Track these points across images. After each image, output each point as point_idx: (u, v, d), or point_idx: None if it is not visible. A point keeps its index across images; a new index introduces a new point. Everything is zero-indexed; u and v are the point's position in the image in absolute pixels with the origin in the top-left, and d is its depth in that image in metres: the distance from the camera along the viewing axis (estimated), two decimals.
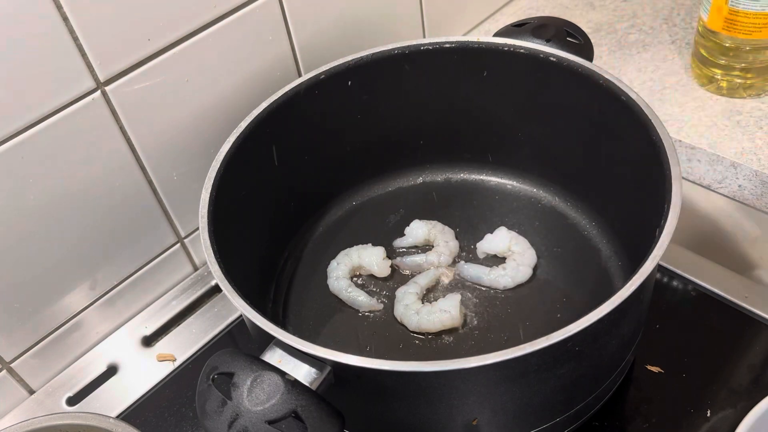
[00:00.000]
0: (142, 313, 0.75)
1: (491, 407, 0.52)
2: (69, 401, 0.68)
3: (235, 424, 0.43)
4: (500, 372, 0.47)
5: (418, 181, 0.80)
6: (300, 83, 0.67)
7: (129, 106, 0.63)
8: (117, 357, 0.72)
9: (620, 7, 0.97)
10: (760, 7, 0.72)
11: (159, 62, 0.63)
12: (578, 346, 0.47)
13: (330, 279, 0.70)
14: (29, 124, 0.57)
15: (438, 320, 0.64)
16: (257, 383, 0.44)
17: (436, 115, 0.74)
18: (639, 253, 0.50)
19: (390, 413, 0.53)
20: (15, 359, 0.66)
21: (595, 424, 0.60)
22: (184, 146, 0.69)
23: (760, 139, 0.74)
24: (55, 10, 0.54)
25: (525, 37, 0.67)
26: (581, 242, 0.71)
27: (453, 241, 0.72)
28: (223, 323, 0.73)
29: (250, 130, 0.63)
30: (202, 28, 0.65)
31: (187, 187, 0.71)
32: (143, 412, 0.67)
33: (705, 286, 0.69)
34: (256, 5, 0.68)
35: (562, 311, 0.66)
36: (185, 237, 0.76)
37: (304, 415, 0.43)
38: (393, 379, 0.47)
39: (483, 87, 0.71)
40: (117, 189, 0.66)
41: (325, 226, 0.77)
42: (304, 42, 0.74)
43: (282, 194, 0.70)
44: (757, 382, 0.62)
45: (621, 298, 0.46)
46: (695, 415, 0.60)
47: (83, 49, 0.57)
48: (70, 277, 0.67)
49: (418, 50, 0.69)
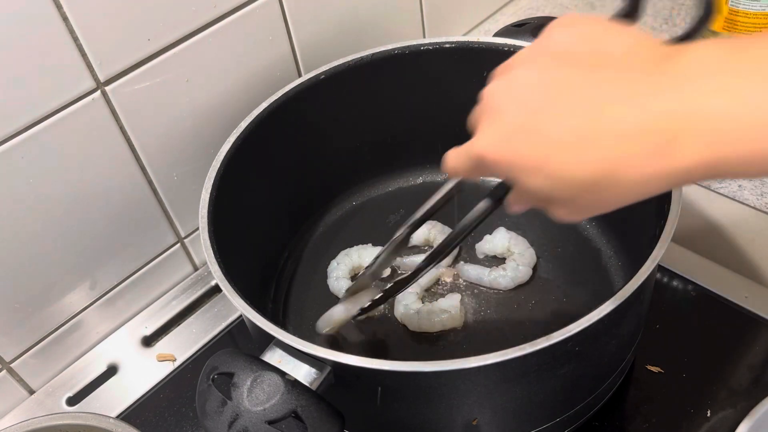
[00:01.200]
0: (142, 313, 0.75)
1: (491, 407, 0.52)
2: (69, 401, 0.68)
3: (235, 424, 0.43)
4: (500, 372, 0.47)
5: (418, 181, 0.80)
6: (300, 83, 0.67)
7: (129, 106, 0.63)
8: (117, 357, 0.72)
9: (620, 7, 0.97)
10: (760, 7, 0.72)
11: (159, 62, 0.63)
12: (578, 346, 0.47)
13: (330, 279, 0.70)
14: (29, 124, 0.57)
15: (438, 320, 0.64)
16: (257, 383, 0.44)
17: (436, 115, 0.74)
18: (639, 253, 0.50)
19: (390, 413, 0.53)
20: (15, 359, 0.66)
21: (595, 424, 0.60)
22: (184, 146, 0.69)
23: None
24: (55, 10, 0.54)
25: (525, 37, 0.67)
26: (581, 242, 0.71)
27: None
28: (223, 323, 0.73)
29: (250, 130, 0.63)
30: (202, 28, 0.65)
31: (187, 187, 0.71)
32: (143, 412, 0.67)
33: (705, 286, 0.69)
34: (256, 5, 0.68)
35: (562, 311, 0.66)
36: (185, 237, 0.76)
37: (304, 415, 0.43)
38: (393, 379, 0.47)
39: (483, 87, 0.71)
40: (117, 189, 0.66)
41: (325, 226, 0.77)
42: (304, 42, 0.74)
43: (282, 194, 0.70)
44: (757, 382, 0.62)
45: (621, 298, 0.46)
46: (695, 415, 0.60)
47: (83, 49, 0.57)
48: (70, 277, 0.67)
49: (418, 50, 0.69)
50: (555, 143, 0.33)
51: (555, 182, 0.34)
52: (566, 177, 0.33)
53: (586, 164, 0.33)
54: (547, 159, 0.34)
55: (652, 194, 0.33)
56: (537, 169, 0.34)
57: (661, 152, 0.31)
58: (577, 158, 0.33)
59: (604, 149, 0.32)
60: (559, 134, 0.33)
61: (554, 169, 0.34)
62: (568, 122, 0.33)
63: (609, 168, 0.32)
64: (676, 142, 0.31)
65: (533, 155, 0.34)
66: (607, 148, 0.32)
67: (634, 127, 0.31)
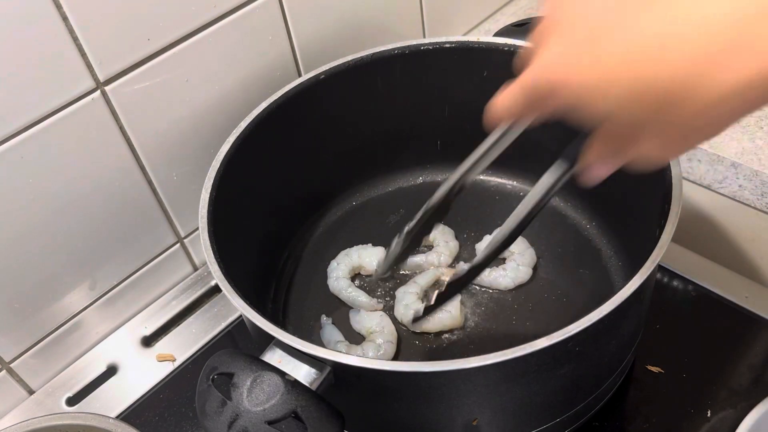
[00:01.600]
0: (142, 313, 0.75)
1: (491, 407, 0.52)
2: (69, 401, 0.68)
3: (235, 425, 0.43)
4: (500, 372, 0.47)
5: (418, 181, 0.80)
6: (300, 83, 0.67)
7: (129, 106, 0.63)
8: (117, 357, 0.72)
9: None
10: None
11: (159, 62, 0.63)
12: (578, 346, 0.47)
13: (330, 279, 0.70)
14: (29, 124, 0.57)
15: (438, 320, 0.64)
16: (257, 383, 0.44)
17: (436, 115, 0.74)
18: (639, 253, 0.50)
19: (390, 413, 0.53)
20: (15, 359, 0.66)
21: (596, 424, 0.60)
22: (184, 146, 0.69)
23: (761, 139, 0.74)
24: (55, 9, 0.54)
25: (525, 37, 0.67)
26: (581, 242, 0.71)
27: (453, 241, 0.72)
28: (223, 323, 0.73)
29: (250, 130, 0.63)
30: (202, 28, 0.65)
31: (187, 187, 0.71)
32: (143, 412, 0.67)
33: (705, 286, 0.69)
34: (256, 5, 0.68)
35: (562, 311, 0.66)
36: (185, 237, 0.76)
37: (304, 416, 0.43)
38: (393, 379, 0.47)
39: (483, 87, 0.70)
40: (117, 189, 0.66)
41: (325, 226, 0.77)
42: (304, 42, 0.74)
43: (282, 194, 0.70)
44: (757, 382, 0.62)
45: (621, 298, 0.46)
46: (695, 415, 0.60)
47: (83, 49, 0.57)
48: (70, 277, 0.67)
49: (418, 50, 0.69)
50: (630, 49, 0.28)
51: (635, 97, 0.29)
52: (647, 86, 0.28)
53: (668, 68, 0.27)
54: (623, 68, 0.28)
55: (753, 107, 0.28)
56: (612, 84, 0.29)
57: (755, 44, 0.26)
58: (659, 59, 0.28)
59: (687, 48, 0.27)
60: (633, 39, 0.28)
61: (634, 76, 0.28)
62: (643, 24, 0.28)
63: (694, 68, 0.27)
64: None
65: (607, 68, 0.29)
66: (690, 46, 0.27)
67: (718, 17, 0.27)
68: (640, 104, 0.29)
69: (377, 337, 0.64)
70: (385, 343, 0.63)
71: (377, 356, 0.62)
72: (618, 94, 0.29)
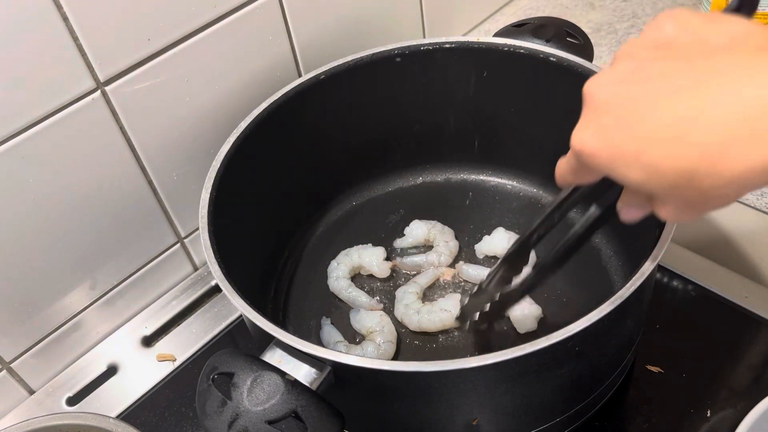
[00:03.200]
0: (142, 313, 0.75)
1: (491, 407, 0.52)
2: (69, 401, 0.68)
3: (235, 424, 0.43)
4: (500, 372, 0.47)
5: (418, 181, 0.80)
6: (300, 83, 0.67)
7: (129, 106, 0.63)
8: (117, 357, 0.72)
9: (620, 7, 0.97)
10: (760, 8, 0.72)
11: (159, 62, 0.63)
12: (578, 346, 0.48)
13: (330, 279, 0.70)
14: (29, 124, 0.57)
15: (438, 320, 0.64)
16: (257, 383, 0.44)
17: (437, 115, 0.74)
18: (639, 253, 0.50)
19: (390, 413, 0.53)
20: (15, 359, 0.66)
21: (596, 424, 0.60)
22: (184, 146, 0.69)
23: None
24: (55, 10, 0.54)
25: (525, 37, 0.67)
26: None
27: (453, 241, 0.72)
28: (223, 323, 0.73)
29: (250, 131, 0.63)
30: (202, 28, 0.65)
31: (187, 187, 0.71)
32: (143, 412, 0.67)
33: (705, 286, 0.69)
34: (256, 5, 0.68)
35: (562, 311, 0.66)
36: (185, 237, 0.76)
37: (304, 415, 0.43)
38: (393, 379, 0.47)
39: (483, 87, 0.71)
40: (117, 189, 0.66)
41: (325, 226, 0.77)
42: (304, 42, 0.74)
43: (282, 194, 0.70)
44: (757, 382, 0.62)
45: (621, 298, 0.46)
46: (695, 415, 0.60)
47: (83, 49, 0.57)
48: (70, 277, 0.67)
49: (418, 50, 0.69)
50: (650, 134, 0.32)
51: (652, 175, 0.33)
52: (662, 168, 0.32)
53: (681, 154, 0.31)
54: (643, 150, 0.33)
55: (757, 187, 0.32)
56: (634, 161, 0.33)
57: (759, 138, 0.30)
58: (673, 147, 0.32)
59: (699, 138, 0.31)
60: (653, 125, 0.32)
61: (650, 161, 0.33)
62: (663, 112, 0.32)
63: (703, 158, 0.31)
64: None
65: (629, 147, 0.33)
66: (701, 136, 0.31)
67: (728, 114, 0.30)
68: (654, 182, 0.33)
69: (377, 336, 0.64)
70: (385, 342, 0.63)
71: (377, 356, 0.62)
72: (638, 171, 0.33)
